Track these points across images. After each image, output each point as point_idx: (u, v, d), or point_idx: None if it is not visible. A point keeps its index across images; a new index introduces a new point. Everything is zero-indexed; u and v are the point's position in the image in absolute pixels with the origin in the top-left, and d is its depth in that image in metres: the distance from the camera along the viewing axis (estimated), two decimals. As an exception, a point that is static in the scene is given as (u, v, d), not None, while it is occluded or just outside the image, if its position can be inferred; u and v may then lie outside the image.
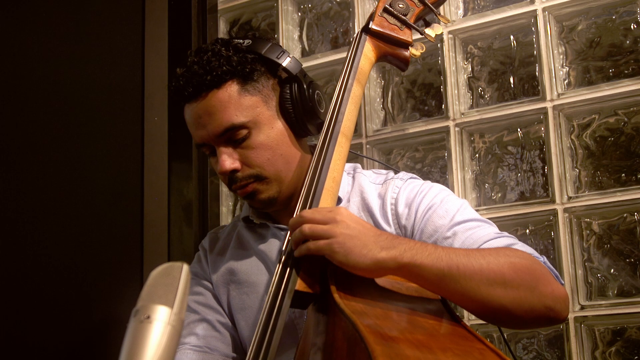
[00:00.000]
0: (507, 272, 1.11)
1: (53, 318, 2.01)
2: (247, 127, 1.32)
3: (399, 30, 1.43)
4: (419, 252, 1.08)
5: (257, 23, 2.24)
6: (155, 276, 0.77)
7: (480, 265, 1.09)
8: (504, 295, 1.10)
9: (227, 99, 1.32)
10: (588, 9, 1.82)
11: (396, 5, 1.44)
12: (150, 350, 0.71)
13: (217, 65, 1.32)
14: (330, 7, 2.14)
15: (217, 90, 1.32)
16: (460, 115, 1.88)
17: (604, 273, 1.72)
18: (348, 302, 1.01)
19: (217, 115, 1.32)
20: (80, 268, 2.03)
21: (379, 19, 1.43)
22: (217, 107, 1.31)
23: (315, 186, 1.24)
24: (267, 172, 1.35)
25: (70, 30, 2.24)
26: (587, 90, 1.77)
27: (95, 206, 2.07)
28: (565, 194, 1.75)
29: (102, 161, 2.10)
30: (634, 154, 1.74)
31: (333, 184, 1.25)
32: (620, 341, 1.68)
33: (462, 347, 0.95)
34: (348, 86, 1.37)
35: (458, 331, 1.03)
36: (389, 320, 1.02)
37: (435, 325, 1.04)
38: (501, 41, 1.92)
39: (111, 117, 2.14)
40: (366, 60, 1.42)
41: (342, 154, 1.29)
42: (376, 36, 1.43)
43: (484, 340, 0.98)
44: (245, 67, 1.33)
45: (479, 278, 1.09)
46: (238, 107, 1.32)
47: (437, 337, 0.98)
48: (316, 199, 1.22)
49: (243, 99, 1.33)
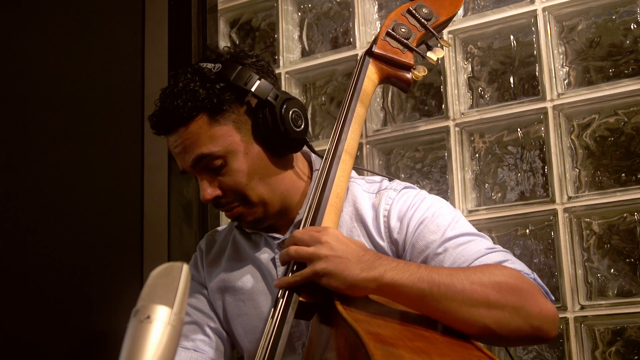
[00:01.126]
0: (490, 293, 1.11)
1: (53, 318, 2.01)
2: (221, 157, 1.34)
3: (401, 54, 1.47)
4: (400, 272, 1.10)
5: (257, 23, 2.24)
6: (155, 276, 0.77)
7: (463, 285, 1.10)
8: (488, 315, 1.10)
9: (197, 132, 1.33)
10: (588, 8, 1.82)
11: (398, 30, 1.48)
12: (151, 350, 0.71)
13: (184, 101, 1.32)
14: (330, 7, 2.14)
15: (186, 126, 1.33)
16: (460, 115, 1.88)
17: (604, 273, 1.72)
18: (350, 312, 1.04)
19: (189, 148, 1.34)
20: (81, 268, 2.03)
21: (381, 42, 1.48)
22: (189, 140, 1.34)
23: (318, 203, 1.28)
24: (249, 196, 1.36)
25: (71, 30, 2.24)
26: (587, 90, 1.77)
27: (96, 206, 2.07)
28: (565, 194, 1.75)
29: (102, 161, 2.10)
30: (634, 154, 1.74)
31: (337, 200, 1.30)
32: (620, 341, 1.68)
33: (460, 355, 0.96)
34: (352, 107, 1.41)
35: (457, 339, 1.05)
36: (389, 329, 1.04)
37: (435, 333, 1.06)
38: (501, 41, 1.92)
39: (111, 117, 2.14)
40: (369, 82, 1.46)
41: (345, 171, 1.34)
42: (379, 59, 1.47)
43: (482, 349, 1.00)
44: (213, 99, 1.33)
45: (461, 298, 1.09)
46: (209, 138, 1.33)
47: (436, 345, 1.00)
48: (320, 215, 1.26)
49: (213, 130, 1.34)
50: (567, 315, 1.68)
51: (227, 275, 1.49)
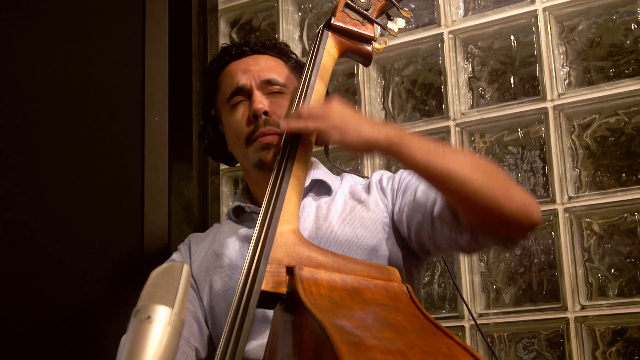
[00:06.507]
0: (488, 164, 1.22)
1: (53, 318, 2.01)
2: (285, 87, 1.47)
3: (361, 26, 1.41)
4: (407, 133, 1.20)
5: (257, 23, 2.24)
6: (156, 276, 0.77)
7: (464, 153, 1.23)
8: (484, 180, 1.16)
9: (276, 63, 1.51)
10: (588, 9, 1.82)
11: (358, 1, 1.42)
12: (151, 350, 0.70)
13: (274, 41, 1.54)
14: (331, 7, 2.14)
15: (270, 56, 1.51)
16: (460, 115, 1.88)
17: (604, 273, 1.72)
18: (315, 302, 1.01)
19: (265, 65, 1.48)
20: (81, 268, 2.03)
21: (340, 14, 1.41)
22: (268, 62, 1.50)
23: (279, 185, 1.23)
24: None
25: (71, 30, 2.24)
26: (588, 90, 1.77)
27: (96, 206, 2.07)
28: (565, 193, 1.74)
29: (102, 161, 2.10)
30: (634, 153, 1.74)
31: (297, 182, 1.25)
32: (620, 341, 1.68)
33: (430, 344, 0.94)
34: (311, 83, 1.35)
35: (426, 327, 1.01)
36: (356, 319, 1.01)
37: (403, 322, 1.02)
38: (502, 41, 1.92)
39: (111, 117, 2.14)
40: (329, 57, 1.40)
41: (306, 152, 1.29)
42: (338, 32, 1.41)
43: (453, 336, 0.97)
44: (290, 51, 1.56)
45: (464, 160, 1.19)
46: (282, 72, 1.49)
47: (404, 334, 0.97)
48: (280, 198, 1.21)
49: (288, 72, 1.51)
50: (567, 315, 1.68)
51: (215, 252, 1.49)
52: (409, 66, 2.01)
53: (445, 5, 1.94)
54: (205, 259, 1.51)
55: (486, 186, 1.15)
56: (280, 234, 1.15)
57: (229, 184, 2.15)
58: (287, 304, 1.10)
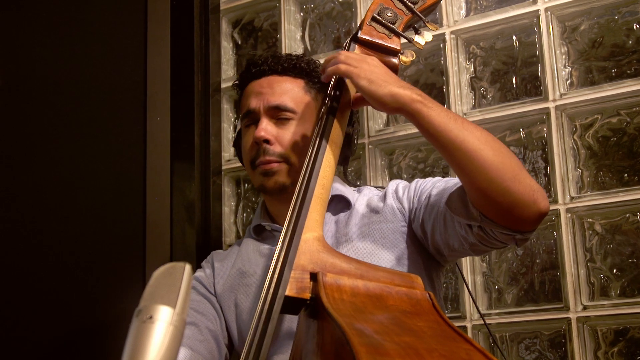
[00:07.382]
0: (502, 146, 1.23)
1: (55, 318, 2.01)
2: (294, 113, 1.47)
3: (387, 39, 1.43)
4: (430, 98, 1.24)
5: (259, 23, 2.24)
6: (158, 276, 0.77)
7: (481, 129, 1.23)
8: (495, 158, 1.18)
9: (293, 85, 1.51)
10: (590, 9, 1.81)
11: (384, 14, 1.44)
12: (153, 351, 0.71)
13: (295, 60, 1.53)
14: (333, 7, 2.14)
15: (289, 77, 1.51)
16: (462, 115, 1.87)
17: (606, 273, 1.72)
18: (337, 306, 1.04)
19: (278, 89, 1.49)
20: (83, 268, 2.03)
21: (367, 27, 1.44)
22: (284, 85, 1.50)
23: (304, 195, 1.25)
24: (292, 159, 1.45)
25: (73, 30, 2.24)
26: (590, 91, 1.77)
27: (98, 206, 2.07)
28: (567, 194, 1.74)
29: (104, 161, 2.10)
30: (636, 154, 1.74)
31: (322, 191, 1.27)
32: (622, 341, 1.68)
33: (449, 348, 0.95)
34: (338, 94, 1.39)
35: (446, 333, 1.03)
36: (376, 323, 1.03)
37: (424, 327, 1.04)
38: (503, 41, 1.92)
39: (113, 117, 2.14)
40: None
41: (331, 162, 1.31)
42: (365, 45, 1.43)
43: (472, 341, 0.98)
44: (314, 70, 1.53)
45: (479, 135, 1.20)
46: (296, 96, 1.49)
47: (423, 339, 0.98)
48: (305, 206, 1.23)
49: (304, 95, 1.51)
50: (569, 315, 1.68)
51: (239, 270, 1.52)
52: (411, 66, 2.01)
53: (447, 6, 1.94)
54: (230, 278, 1.53)
55: (495, 165, 1.17)
56: (305, 241, 1.17)
57: (231, 184, 2.15)
58: (311, 310, 1.13)
